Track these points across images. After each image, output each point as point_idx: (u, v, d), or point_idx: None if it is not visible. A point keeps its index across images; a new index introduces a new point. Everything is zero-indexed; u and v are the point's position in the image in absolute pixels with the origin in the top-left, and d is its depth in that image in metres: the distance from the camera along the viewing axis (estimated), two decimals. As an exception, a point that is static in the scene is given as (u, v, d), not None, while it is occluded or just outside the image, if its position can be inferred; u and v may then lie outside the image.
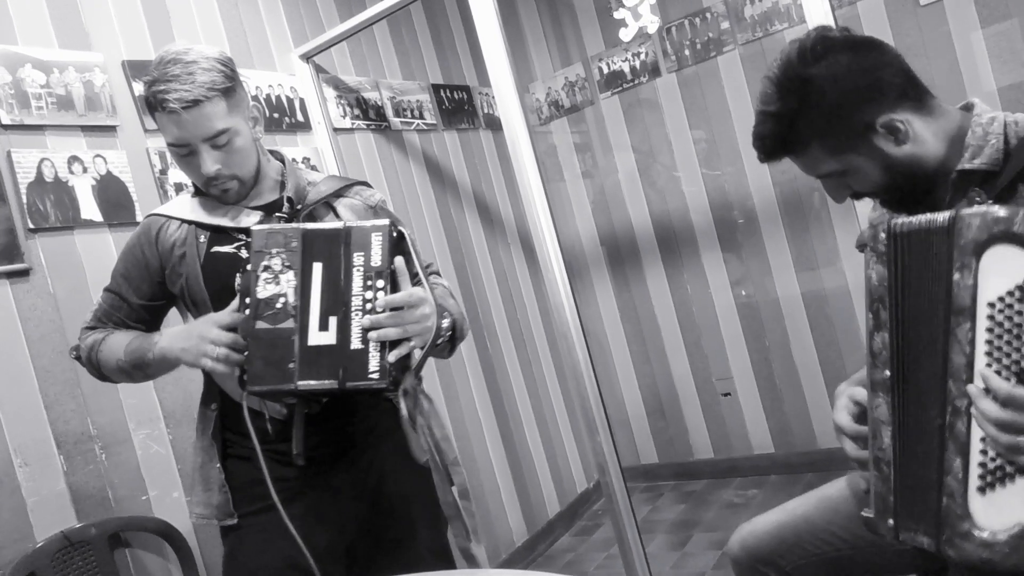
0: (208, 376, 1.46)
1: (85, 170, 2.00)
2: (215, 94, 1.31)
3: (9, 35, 1.95)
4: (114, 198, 2.05)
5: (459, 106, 3.49)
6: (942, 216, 0.97)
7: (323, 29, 2.82)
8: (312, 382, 1.24)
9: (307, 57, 2.70)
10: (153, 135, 2.19)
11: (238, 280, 1.29)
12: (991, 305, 0.93)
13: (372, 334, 1.23)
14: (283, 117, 2.62)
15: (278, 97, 2.62)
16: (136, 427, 1.99)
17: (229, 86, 1.34)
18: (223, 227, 1.42)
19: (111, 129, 2.10)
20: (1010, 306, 0.92)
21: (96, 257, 2.00)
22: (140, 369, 1.40)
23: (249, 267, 1.26)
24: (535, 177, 2.20)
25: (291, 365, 1.23)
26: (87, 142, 2.04)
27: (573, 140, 3.75)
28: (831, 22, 1.87)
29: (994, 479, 0.94)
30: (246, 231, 1.37)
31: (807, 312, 3.23)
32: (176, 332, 1.36)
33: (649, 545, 2.91)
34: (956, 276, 0.95)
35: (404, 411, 1.34)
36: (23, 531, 1.74)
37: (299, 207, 1.43)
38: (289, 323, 1.24)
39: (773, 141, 1.19)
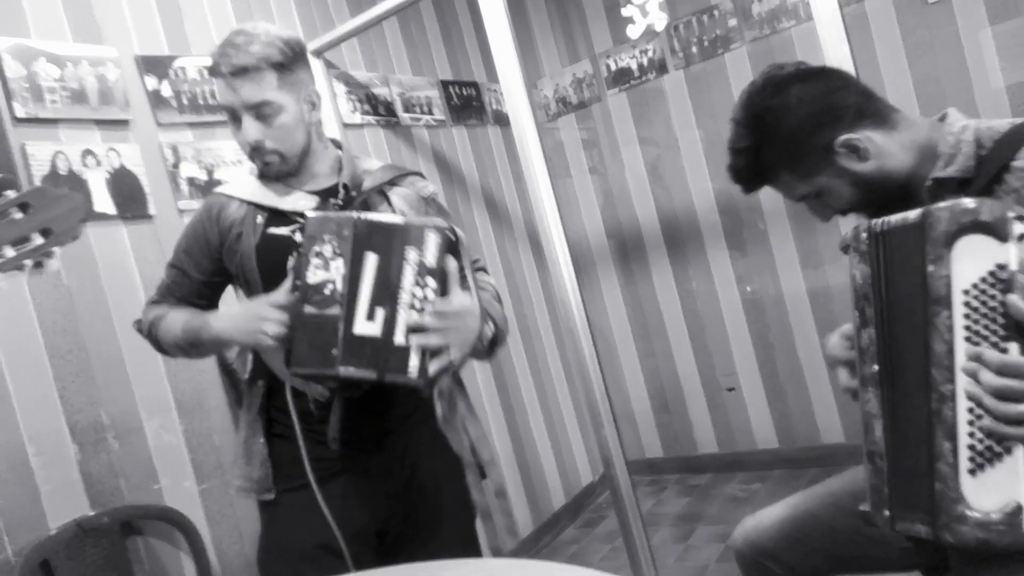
0: (256, 354, 1.49)
1: (99, 163, 2.03)
2: (265, 66, 1.35)
3: (23, 29, 1.97)
4: (127, 191, 2.07)
5: (468, 102, 3.50)
6: (914, 213, 1.02)
7: (333, 25, 2.83)
8: (352, 369, 1.25)
9: (317, 53, 2.71)
10: (166, 129, 2.21)
11: (291, 262, 1.31)
12: (966, 292, 0.96)
13: (414, 339, 1.25)
14: (293, 112, 2.64)
15: (288, 92, 2.63)
16: (148, 417, 2.02)
17: (282, 62, 1.37)
18: (280, 209, 1.44)
19: (124, 123, 2.12)
20: (983, 291, 0.95)
21: (109, 250, 2.02)
22: (195, 347, 1.45)
23: (300, 251, 1.28)
24: (543, 173, 2.21)
25: (334, 351, 1.25)
26: (101, 136, 2.06)
27: (580, 136, 3.76)
28: (838, 20, 1.88)
29: (983, 460, 0.96)
30: (302, 215, 1.39)
31: (812, 308, 3.23)
32: (231, 313, 1.39)
33: (653, 538, 2.92)
34: (931, 268, 0.99)
35: (439, 412, 1.36)
36: (37, 519, 1.77)
37: (354, 194, 1.46)
38: (335, 309, 1.26)
39: (747, 174, 1.28)
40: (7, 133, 1.87)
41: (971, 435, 0.97)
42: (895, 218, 1.05)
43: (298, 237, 1.35)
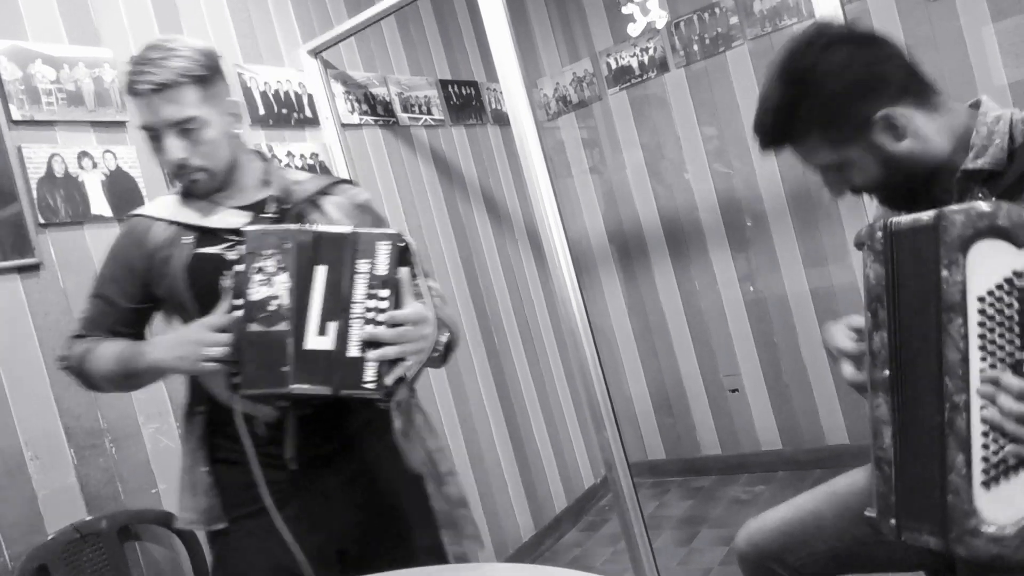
0: (194, 380, 1.43)
1: (95, 165, 2.02)
2: (186, 80, 1.29)
3: (19, 31, 1.96)
4: (123, 193, 2.06)
5: (467, 102, 3.49)
6: (927, 215, 0.98)
7: (331, 25, 2.83)
8: (306, 386, 1.21)
9: (315, 53, 2.70)
10: (162, 130, 2.20)
11: (225, 281, 1.26)
12: (981, 299, 0.94)
13: (371, 353, 1.21)
14: (291, 113, 2.63)
15: (286, 93, 2.62)
16: (145, 421, 2.01)
17: (204, 75, 1.32)
18: (209, 228, 1.38)
19: (121, 125, 2.11)
20: (1000, 299, 0.93)
21: (106, 252, 2.00)
22: (130, 379, 1.38)
23: (239, 268, 1.23)
24: (543, 173, 2.20)
25: (285, 368, 1.21)
26: (97, 137, 2.05)
27: (581, 136, 3.75)
28: (840, 17, 1.86)
29: (998, 472, 0.94)
30: (234, 232, 1.35)
31: (816, 308, 3.22)
32: (167, 341, 1.32)
33: (656, 541, 2.91)
34: (944, 273, 0.96)
35: (397, 424, 1.33)
36: (34, 524, 1.76)
37: (287, 206, 1.41)
38: (283, 326, 1.21)
39: (774, 129, 1.20)
40: (3, 135, 1.86)
41: (985, 447, 0.94)
42: (908, 218, 1.01)
43: (230, 255, 1.30)
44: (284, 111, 2.60)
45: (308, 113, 2.69)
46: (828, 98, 1.14)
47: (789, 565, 1.39)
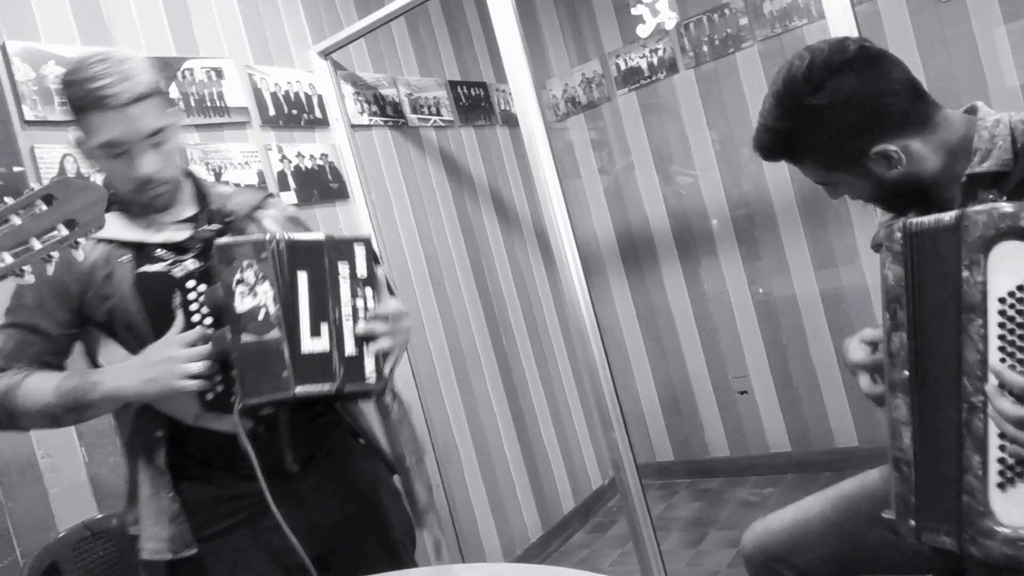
0: (145, 405, 1.32)
1: (107, 166, 2.03)
2: (154, 90, 1.27)
3: (32, 32, 1.97)
4: (135, 193, 2.07)
5: (476, 103, 3.49)
6: (949, 215, 0.98)
7: (341, 26, 2.83)
8: (310, 387, 1.24)
9: (325, 54, 2.71)
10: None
11: (176, 299, 1.26)
12: (1001, 300, 0.93)
13: (370, 348, 1.29)
14: (301, 114, 2.64)
15: (296, 94, 2.63)
16: (156, 420, 2.02)
17: (161, 85, 1.30)
18: (159, 244, 1.33)
19: (132, 125, 2.12)
20: (1020, 300, 0.92)
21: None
22: (76, 412, 1.27)
23: (221, 282, 1.22)
24: (551, 174, 2.20)
25: (285, 373, 1.22)
26: (109, 138, 2.06)
27: (590, 137, 3.75)
28: (850, 18, 1.85)
29: (1014, 474, 0.94)
30: (174, 247, 1.33)
31: (825, 310, 3.21)
32: (129, 367, 1.25)
33: (664, 543, 2.90)
34: (965, 273, 0.96)
35: (394, 412, 1.39)
36: (45, 521, 1.77)
37: (230, 219, 1.39)
38: (275, 333, 1.23)
39: (770, 151, 1.24)
40: (16, 135, 1.87)
41: (1002, 448, 0.94)
42: (929, 218, 1.01)
43: (177, 272, 1.28)
44: (294, 112, 2.61)
45: (318, 114, 2.70)
46: (825, 133, 1.15)
47: (795, 567, 1.39)
